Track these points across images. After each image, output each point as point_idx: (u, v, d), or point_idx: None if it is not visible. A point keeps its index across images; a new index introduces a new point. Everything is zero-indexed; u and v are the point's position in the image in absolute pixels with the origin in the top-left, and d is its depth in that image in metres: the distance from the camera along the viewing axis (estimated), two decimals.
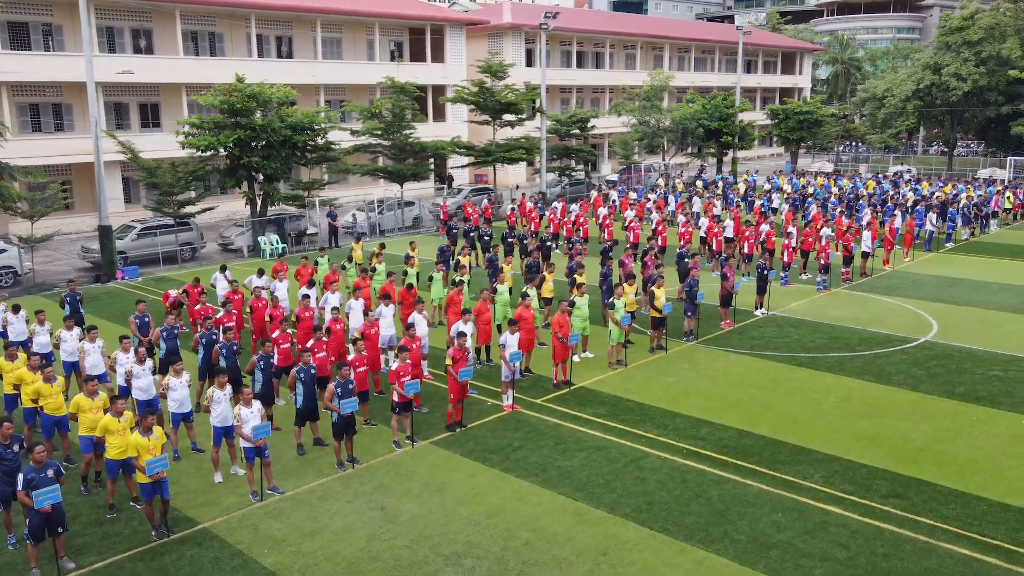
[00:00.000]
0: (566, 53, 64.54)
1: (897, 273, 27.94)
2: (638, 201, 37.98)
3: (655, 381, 17.36)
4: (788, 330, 21.04)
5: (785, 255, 26.14)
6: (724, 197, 41.08)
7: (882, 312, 22.75)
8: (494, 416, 15.57)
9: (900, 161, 66.39)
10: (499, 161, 41.45)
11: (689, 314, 20.10)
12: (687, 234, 28.97)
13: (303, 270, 22.49)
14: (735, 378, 17.47)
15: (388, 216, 38.74)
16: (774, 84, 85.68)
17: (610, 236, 30.21)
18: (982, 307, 23.19)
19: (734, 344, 19.88)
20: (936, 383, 16.97)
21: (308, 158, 34.79)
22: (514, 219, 33.62)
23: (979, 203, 34.80)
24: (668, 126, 52.80)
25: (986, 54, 54.41)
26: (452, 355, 14.57)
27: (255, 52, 45.17)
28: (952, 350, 19.21)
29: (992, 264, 29.43)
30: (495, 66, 41.68)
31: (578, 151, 46.80)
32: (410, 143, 38.01)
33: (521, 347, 17.43)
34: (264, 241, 32.86)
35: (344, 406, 12.94)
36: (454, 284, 19.66)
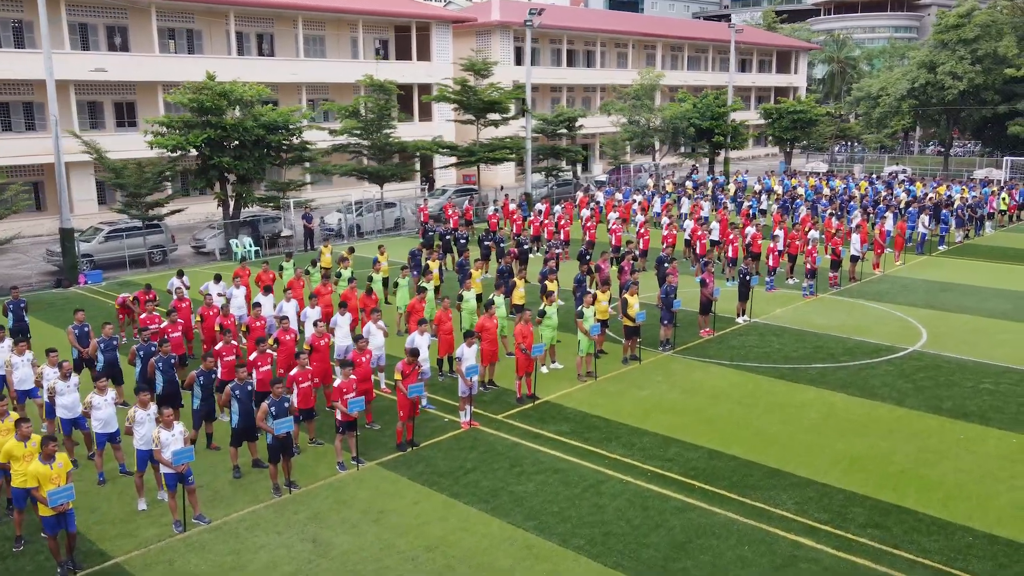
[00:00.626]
0: (556, 51, 63.56)
1: (887, 277, 26.98)
2: (623, 202, 37.04)
3: (625, 395, 16.38)
4: (770, 339, 20.06)
5: (770, 259, 25.15)
6: (713, 198, 40.13)
7: (869, 319, 21.78)
8: (450, 434, 14.59)
9: (895, 161, 65.46)
10: (483, 161, 40.47)
11: (665, 322, 19.12)
12: (670, 237, 27.97)
13: (264, 275, 21.49)
14: (711, 392, 16.49)
15: (368, 218, 37.74)
16: (769, 83, 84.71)
17: (592, 239, 29.25)
18: (974, 314, 22.22)
19: (713, 354, 18.90)
20: (923, 397, 16.00)
21: (283, 158, 33.81)
22: (495, 221, 32.64)
23: (973, 204, 33.84)
24: (658, 125, 51.82)
25: (982, 52, 53.43)
26: (401, 369, 13.60)
27: (234, 50, 44.16)
28: (941, 361, 18.24)
29: (986, 268, 28.47)
30: (478, 64, 40.70)
31: (565, 151, 45.80)
32: (390, 143, 37.02)
33: (483, 359, 16.54)
34: (236, 244, 31.87)
35: (279, 426, 11.96)
36: (421, 290, 18.68)
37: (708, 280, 20.11)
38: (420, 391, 13.63)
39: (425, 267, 22.59)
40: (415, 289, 20.20)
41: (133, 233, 30.70)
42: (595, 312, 17.64)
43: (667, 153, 55.09)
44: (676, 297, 19.22)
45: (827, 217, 30.38)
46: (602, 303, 18.40)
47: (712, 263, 21.00)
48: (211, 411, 13.90)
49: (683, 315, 21.44)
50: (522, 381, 16.10)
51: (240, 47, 45.52)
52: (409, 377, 13.58)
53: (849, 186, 41.80)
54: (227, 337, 15.04)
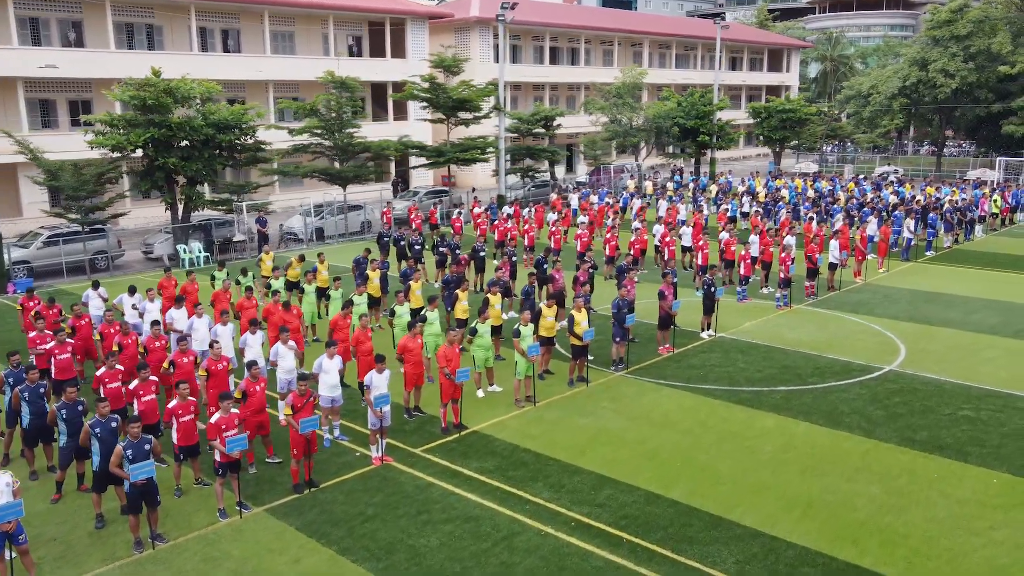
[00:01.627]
0: (539, 49, 61.87)
1: (868, 286, 25.30)
2: (598, 205, 35.32)
3: (564, 423, 14.69)
4: (734, 356, 18.38)
5: (742, 267, 23.43)
6: (693, 200, 38.43)
7: (845, 334, 20.10)
8: (358, 471, 12.90)
9: (887, 161, 63.79)
10: (452, 162, 38.78)
11: (618, 339, 17.44)
12: (638, 242, 26.30)
13: (189, 287, 19.82)
14: (660, 419, 14.80)
15: (331, 221, 36.04)
16: (760, 82, 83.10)
17: (556, 245, 27.58)
18: (958, 328, 20.54)
19: (669, 375, 17.21)
20: (895, 427, 14.32)
21: (237, 159, 32.10)
22: (459, 225, 30.96)
23: (962, 207, 32.14)
24: (641, 125, 50.13)
25: (975, 49, 51.73)
26: (292, 402, 11.92)
27: (197, 46, 42.47)
28: (918, 383, 16.56)
29: (975, 276, 26.80)
30: (448, 60, 38.99)
31: (542, 151, 44.10)
32: (353, 143, 35.31)
33: (407, 384, 14.88)
34: (183, 249, 30.18)
35: (136, 472, 10.28)
36: (347, 304, 16.98)
37: (667, 292, 18.43)
38: (314, 426, 11.93)
39: (365, 277, 20.91)
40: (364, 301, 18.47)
41: (73, 238, 29.01)
42: (535, 330, 15.96)
43: (651, 154, 53.41)
44: (630, 311, 17.54)
45: (807, 221, 28.71)
46: (548, 318, 16.71)
47: (672, 273, 19.29)
48: (84, 450, 12.20)
49: (644, 329, 19.80)
50: (447, 409, 14.42)
51: (203, 43, 43.85)
52: (302, 410, 11.90)
53: (835, 188, 40.08)
54: (111, 361, 13.33)
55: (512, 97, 59.70)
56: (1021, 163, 53.13)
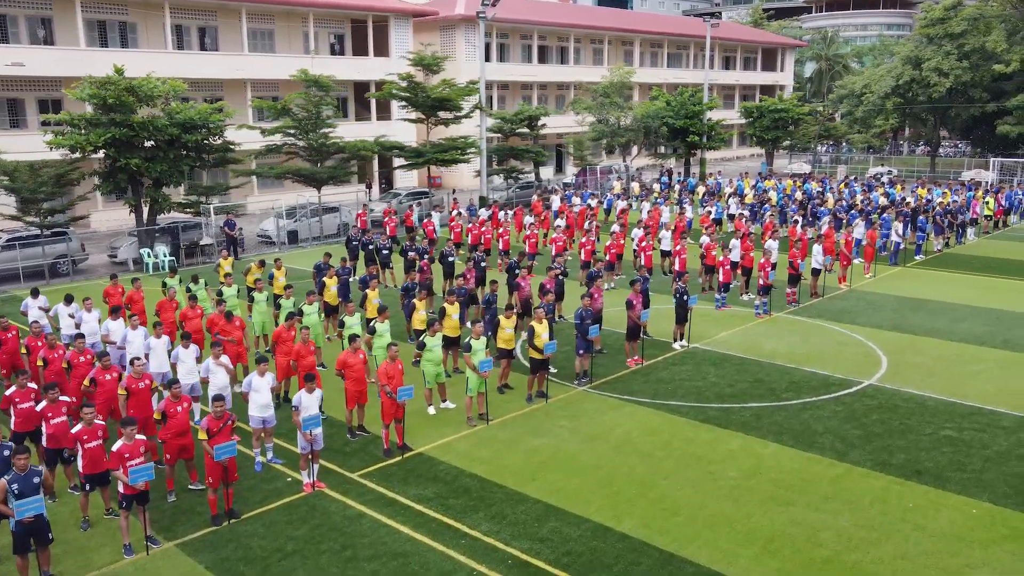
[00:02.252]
0: (527, 47, 60.86)
1: (853, 293, 24.30)
2: (579, 207, 34.30)
3: (517, 445, 13.70)
4: (706, 370, 17.38)
5: (720, 273, 22.40)
6: (679, 202, 37.35)
7: (825, 344, 19.11)
8: (286, 499, 11.92)
9: (881, 162, 62.81)
10: (432, 163, 37.78)
11: (581, 352, 16.46)
12: (616, 246, 25.30)
13: (135, 295, 18.83)
14: (619, 441, 13.81)
15: (307, 224, 35.00)
16: (754, 81, 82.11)
17: (531, 249, 26.62)
18: (945, 337, 19.55)
19: (635, 390, 16.22)
20: (870, 449, 13.33)
21: (205, 160, 31.09)
22: (432, 228, 29.96)
23: (953, 210, 31.14)
24: (629, 124, 49.13)
25: (969, 47, 50.71)
26: (207, 426, 10.94)
27: (172, 43, 41.47)
28: (899, 399, 15.57)
29: (965, 281, 25.82)
30: (427, 58, 37.99)
31: (525, 151, 43.09)
32: (327, 143, 34.30)
33: (349, 402, 13.90)
34: (147, 254, 29.17)
35: (22, 509, 9.29)
36: (291, 315, 15.96)
37: (635, 301, 17.44)
38: (231, 452, 10.93)
39: (322, 284, 19.92)
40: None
41: (33, 242, 27.99)
42: (488, 342, 14.98)
43: (640, 154, 52.43)
44: (596, 322, 16.55)
45: (791, 224, 27.74)
46: (506, 330, 15.72)
47: (642, 280, 18.29)
48: None
49: (615, 339, 18.80)
50: (390, 430, 13.43)
51: (179, 41, 42.83)
52: (219, 435, 10.92)
53: (824, 190, 39.04)
54: (21, 380, 12.33)
55: (500, 96, 58.77)
56: (1016, 164, 52.16)
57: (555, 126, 57.02)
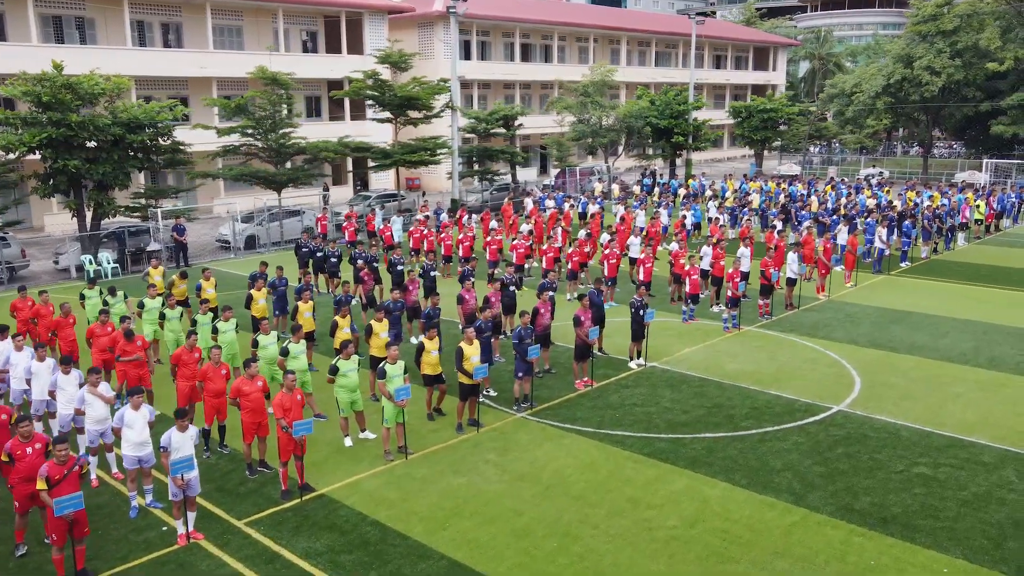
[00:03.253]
0: (509, 45, 59.31)
1: (831, 304, 22.73)
2: (550, 211, 32.67)
3: (434, 484, 12.13)
4: (661, 393, 15.81)
5: (687, 283, 20.80)
6: (659, 205, 35.70)
7: (795, 363, 17.54)
8: (154, 554, 10.35)
9: (872, 163, 61.26)
10: (399, 164, 36.20)
11: (520, 375, 14.88)
12: (580, 254, 23.74)
13: (43, 309, 17.26)
14: (550, 480, 12.24)
15: (271, 228, 33.38)
16: (745, 81, 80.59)
17: (492, 256, 25.06)
18: (925, 355, 17.99)
19: (580, 417, 14.65)
20: (833, 489, 11.77)
21: (153, 161, 29.52)
22: (390, 234, 28.39)
23: (940, 214, 29.55)
24: (611, 124, 47.56)
25: (962, 45, 49.14)
26: (46, 474, 9.37)
27: (131, 40, 39.88)
28: (870, 428, 14.01)
29: (951, 291, 24.28)
30: (394, 55, 36.41)
31: (501, 152, 41.52)
32: (287, 144, 32.73)
33: (246, 435, 12.34)
34: (89, 260, 27.59)
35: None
36: (192, 334, 14.36)
37: (583, 317, 15.88)
38: (77, 505, 9.33)
39: (249, 297, 18.34)
40: None
41: None
42: (404, 370, 13.41)
43: (621, 155, 50.90)
44: (540, 341, 14.98)
45: (768, 230, 26.19)
46: (431, 352, 14.15)
47: (593, 293, 16.66)
48: None
49: (567, 358, 17.22)
50: (289, 468, 11.86)
51: (141, 37, 41.27)
52: (64, 484, 9.34)
53: (809, 192, 37.40)
54: None
55: (481, 96, 57.21)
56: (1011, 165, 50.66)
57: (540, 126, 55.54)
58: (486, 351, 15.25)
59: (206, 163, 38.96)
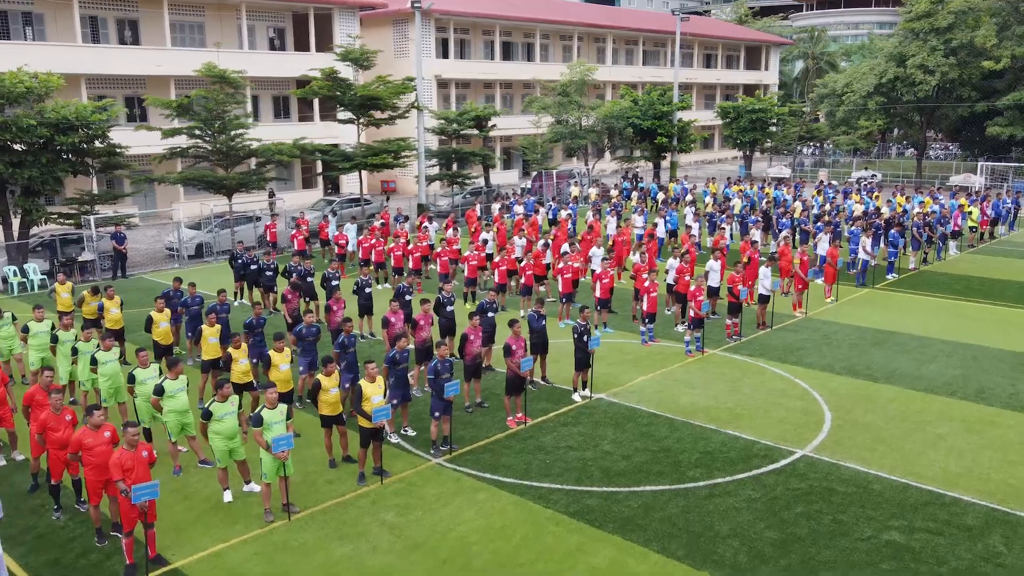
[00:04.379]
0: (489, 44, 57.37)
1: (808, 323, 20.78)
2: (519, 216, 30.73)
3: (311, 556, 10.19)
4: (603, 433, 13.88)
5: (645, 301, 18.82)
6: (636, 211, 33.62)
7: (759, 395, 15.61)
8: None
9: (864, 166, 59.34)
10: (360, 167, 34.25)
11: (437, 415, 12.95)
12: (536, 267, 21.81)
13: None
14: (450, 550, 10.31)
15: (222, 235, 31.40)
16: (736, 80, 78.74)
17: (444, 268, 23.15)
18: (907, 384, 16.05)
19: (505, 463, 12.72)
20: (786, 563, 9.85)
21: (89, 165, 27.60)
22: (344, 243, 26.44)
23: (930, 222, 27.58)
24: (591, 125, 45.62)
25: (957, 43, 47.17)
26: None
27: (81, 36, 37.97)
28: (837, 479, 12.08)
29: (940, 307, 22.34)
30: (354, 52, 34.46)
31: (471, 154, 39.56)
32: (237, 146, 30.78)
33: (91, 496, 10.41)
34: (13, 272, 25.66)
35: None
36: (47, 368, 12.39)
37: (515, 346, 13.95)
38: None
39: (148, 319, 16.39)
40: None
41: None
42: (287, 415, 11.49)
43: (603, 158, 48.99)
44: (452, 376, 13.05)
45: (744, 241, 24.25)
46: (329, 391, 12.22)
47: (516, 322, 14.49)
48: None
49: (493, 389, 15.25)
50: (134, 538, 9.91)
51: (94, 33, 39.37)
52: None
53: (792, 197, 35.31)
54: None
55: (460, 96, 55.29)
56: (1008, 168, 48.73)
57: (521, 128, 53.55)
58: (400, 386, 13.35)
59: (166, 166, 37.06)
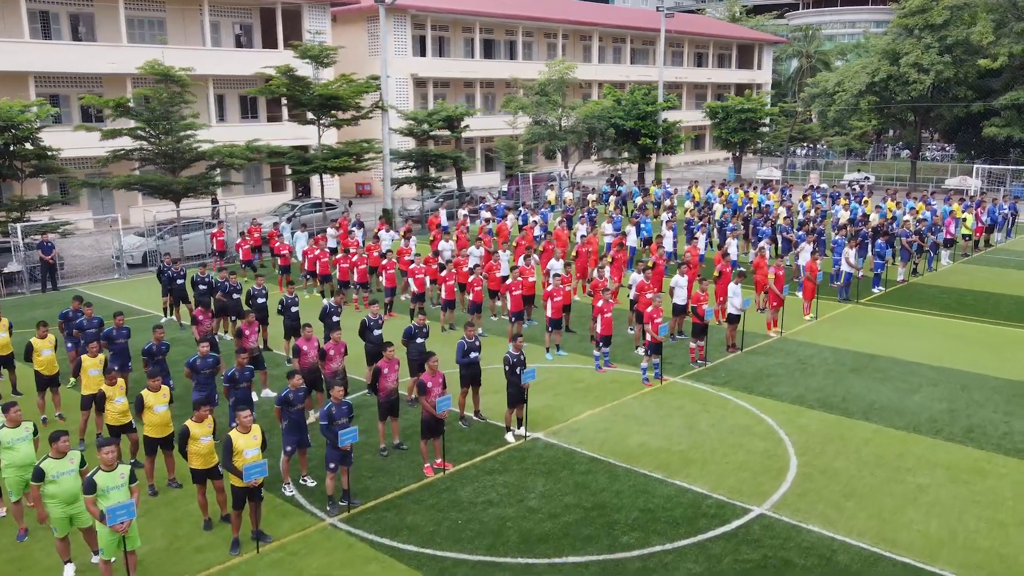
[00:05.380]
0: (470, 41, 55.49)
1: (783, 344, 18.90)
2: (496, 222, 28.83)
3: None
4: (532, 483, 12.01)
5: (599, 322, 16.93)
6: (609, 218, 31.54)
7: (718, 434, 13.73)
8: None
9: (857, 167, 57.46)
10: (319, 171, 32.37)
11: (331, 466, 11.09)
12: (490, 281, 19.96)
13: None
14: None
15: (171, 243, 29.49)
16: (728, 80, 76.89)
17: (389, 283, 21.30)
18: (887, 421, 14.18)
19: (409, 523, 10.85)
20: None
21: (17, 169, 25.74)
22: (287, 253, 24.55)
23: (921, 230, 25.71)
24: (571, 126, 43.72)
25: (952, 40, 45.28)
26: None
27: (29, 32, 36.08)
28: (796, 546, 10.20)
29: (929, 326, 20.47)
30: (314, 49, 32.57)
31: (440, 156, 37.70)
32: (183, 149, 28.88)
33: None
34: None
35: None
36: None
37: (431, 383, 12.05)
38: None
39: (27, 349, 14.50)
40: None
41: None
42: (123, 479, 9.63)
43: (583, 159, 47.12)
44: (350, 422, 11.18)
45: (717, 254, 22.38)
46: (200, 440, 10.37)
47: (432, 357, 12.51)
48: None
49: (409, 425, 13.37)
50: None
51: (45, 29, 37.49)
52: None
53: (781, 200, 33.43)
54: None
55: (439, 95, 53.39)
56: (1006, 171, 46.86)
57: (501, 128, 51.63)
58: (294, 431, 11.50)
59: (122, 168, 35.17)
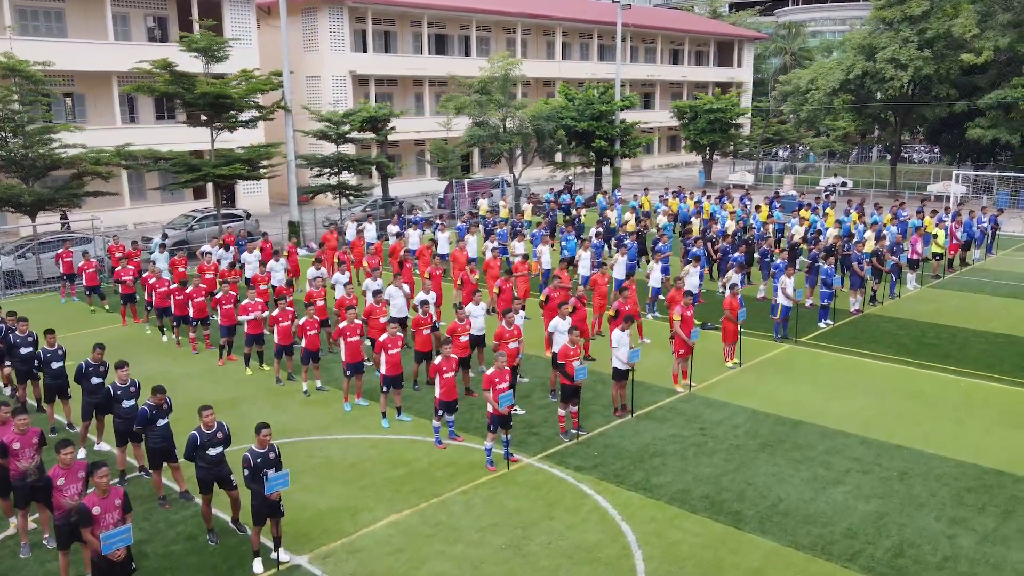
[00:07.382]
0: (418, 36, 51.72)
1: (688, 404, 15.10)
2: (398, 237, 24.98)
3: None
4: None
5: (436, 384, 13.15)
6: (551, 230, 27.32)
7: (549, 562, 9.97)
8: None
9: (833, 172, 53.71)
10: (208, 179, 28.64)
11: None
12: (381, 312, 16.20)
13: None
14: None
15: (45, 259, 25.77)
16: (706, 78, 73.22)
17: (226, 319, 17.53)
18: (787, 537, 10.40)
19: None
20: None
21: None
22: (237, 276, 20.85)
23: (878, 250, 21.83)
24: (517, 127, 39.97)
25: (932, 33, 41.45)
26: None
27: None
28: None
29: (879, 376, 16.68)
30: (200, 42, 28.80)
31: (361, 162, 33.95)
32: (38, 155, 25.16)
33: None
34: None
35: None
36: None
37: None
38: None
39: None
40: None
41: None
42: None
43: (528, 163, 43.41)
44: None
45: (629, 290, 18.51)
46: None
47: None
48: None
49: None
50: None
51: None
52: None
53: (725, 214, 29.46)
54: None
55: (385, 94, 49.67)
56: (992, 176, 43.12)
57: (438, 131, 47.82)
58: None
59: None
